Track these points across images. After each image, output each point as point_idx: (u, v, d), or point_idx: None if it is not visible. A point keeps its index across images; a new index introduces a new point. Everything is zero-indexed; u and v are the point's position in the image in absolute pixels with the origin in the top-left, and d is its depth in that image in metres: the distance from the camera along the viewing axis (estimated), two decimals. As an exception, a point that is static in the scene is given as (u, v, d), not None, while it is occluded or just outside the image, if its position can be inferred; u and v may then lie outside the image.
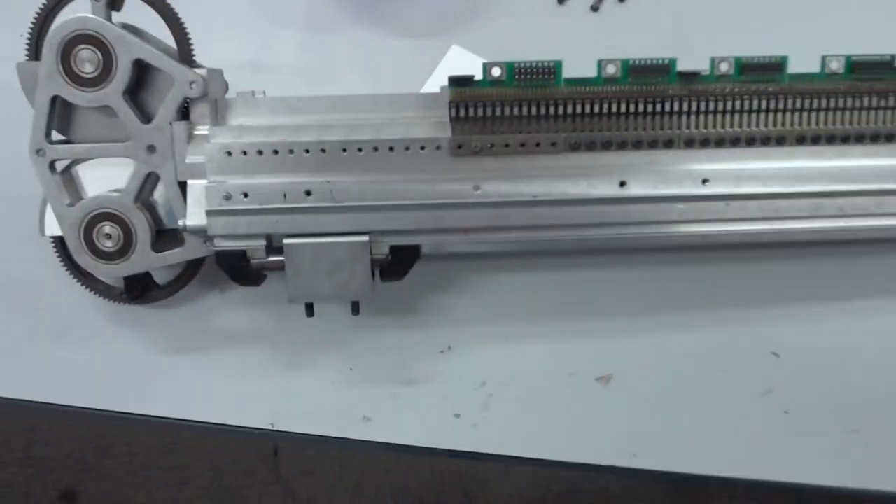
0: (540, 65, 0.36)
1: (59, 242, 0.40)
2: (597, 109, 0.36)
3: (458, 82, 0.36)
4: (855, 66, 0.37)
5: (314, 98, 0.38)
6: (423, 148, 0.36)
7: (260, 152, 0.36)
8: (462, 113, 0.36)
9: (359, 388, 0.40)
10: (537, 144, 0.36)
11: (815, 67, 0.37)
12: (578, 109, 0.36)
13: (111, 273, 0.38)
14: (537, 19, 0.50)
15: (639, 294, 0.42)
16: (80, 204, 0.37)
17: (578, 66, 0.37)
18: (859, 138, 0.37)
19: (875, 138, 0.37)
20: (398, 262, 0.37)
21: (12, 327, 0.41)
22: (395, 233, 0.36)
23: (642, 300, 0.42)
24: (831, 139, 0.37)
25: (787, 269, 0.42)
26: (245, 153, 0.36)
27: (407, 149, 0.36)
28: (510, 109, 0.36)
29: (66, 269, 0.40)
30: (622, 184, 0.36)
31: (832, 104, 0.37)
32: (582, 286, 0.42)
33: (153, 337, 0.41)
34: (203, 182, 0.36)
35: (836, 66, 0.37)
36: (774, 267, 0.42)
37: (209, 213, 0.35)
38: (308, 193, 0.35)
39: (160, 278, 0.41)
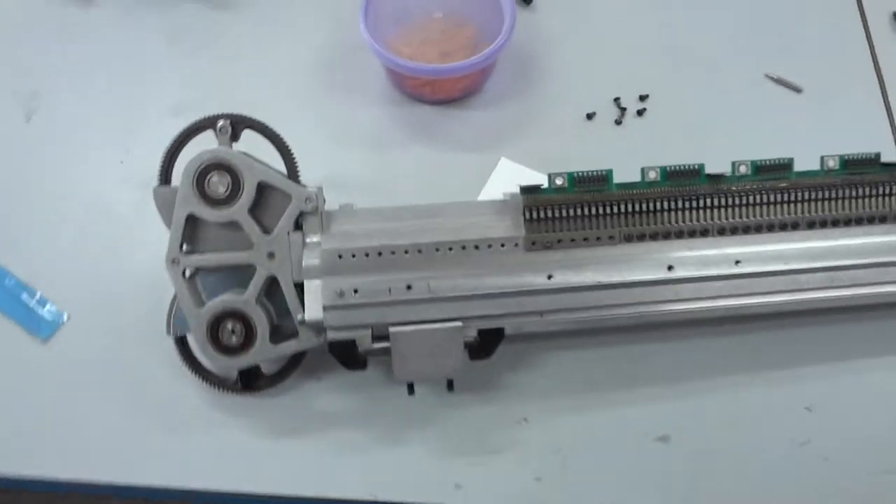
0: (595, 173, 0.44)
1: (181, 343, 0.46)
2: (644, 207, 0.44)
3: (528, 190, 0.44)
4: (848, 163, 0.46)
5: (404, 207, 0.46)
6: (502, 245, 0.43)
7: (366, 255, 0.43)
8: (534, 215, 0.44)
9: (449, 459, 0.46)
10: (598, 238, 0.44)
11: (814, 166, 0.46)
12: (629, 208, 0.44)
13: (234, 365, 0.44)
14: (571, 132, 0.59)
15: (687, 362, 0.49)
16: (208, 305, 0.44)
17: (617, 170, 0.45)
18: (858, 221, 0.46)
19: (871, 220, 0.46)
20: (486, 344, 0.44)
21: (138, 421, 0.47)
22: (482, 318, 0.43)
23: (690, 367, 0.49)
24: (836, 223, 0.45)
25: (809, 333, 0.50)
26: (354, 256, 0.43)
27: (489, 247, 0.43)
28: (573, 211, 0.44)
29: (188, 366, 0.46)
30: (670, 268, 0.44)
31: (833, 195, 0.45)
32: (637, 358, 0.49)
33: (261, 423, 0.47)
34: (318, 282, 0.43)
35: (832, 164, 0.46)
36: (798, 332, 0.49)
37: (326, 308, 0.42)
38: (409, 288, 0.43)
39: (267, 370, 0.47)
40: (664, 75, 0.62)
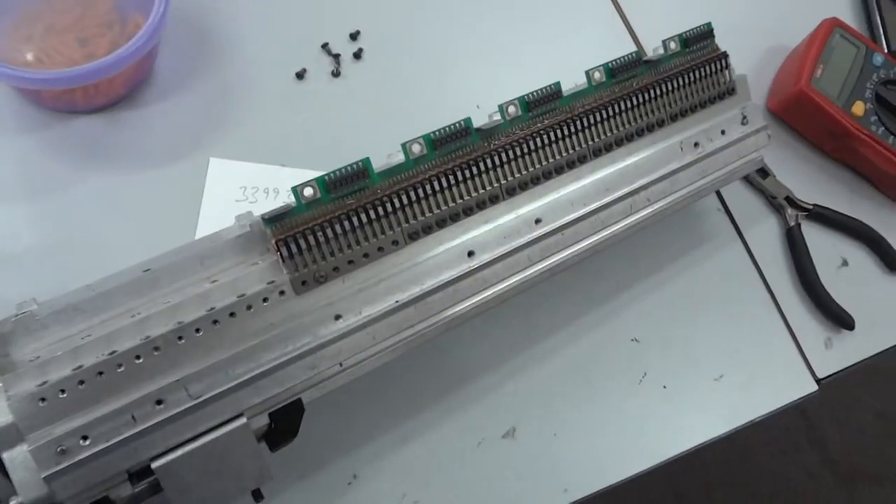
0: (350, 170, 0.35)
1: None
2: (420, 193, 0.36)
3: (274, 219, 0.34)
4: (613, 71, 0.42)
5: (110, 283, 0.33)
6: (265, 300, 0.33)
7: (81, 382, 0.31)
8: (292, 248, 0.34)
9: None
10: (380, 249, 0.36)
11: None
12: (403, 199, 0.36)
13: None
14: (282, 101, 0.49)
15: (507, 339, 0.45)
16: None
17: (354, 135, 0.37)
18: (640, 133, 0.42)
19: (651, 128, 0.43)
20: (285, 425, 0.34)
21: None
22: (270, 400, 0.33)
23: (511, 344, 0.45)
24: (619, 142, 0.42)
25: (605, 262, 0.48)
26: (63, 391, 0.30)
27: (249, 308, 0.33)
28: (339, 225, 0.35)
29: None
30: (470, 254, 0.37)
31: (610, 111, 0.41)
32: (455, 354, 0.43)
33: None
34: (22, 448, 0.30)
35: (598, 76, 0.41)
36: (594, 265, 0.47)
37: (48, 479, 0.30)
38: (159, 403, 0.31)
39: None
40: (373, 4, 0.53)
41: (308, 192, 0.34)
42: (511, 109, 0.39)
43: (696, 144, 0.44)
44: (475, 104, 0.51)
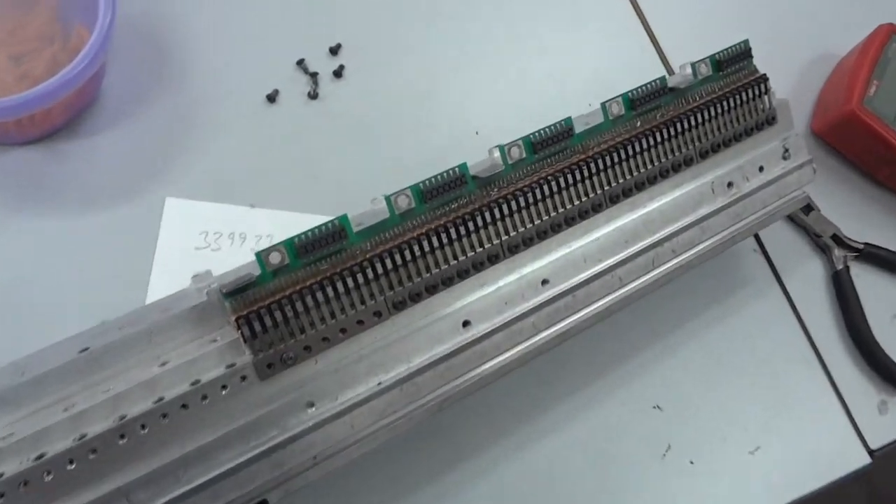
0: (324, 230, 0.33)
1: None
2: (408, 255, 0.34)
3: (235, 292, 0.32)
4: (633, 102, 0.40)
5: (34, 378, 0.31)
6: (224, 388, 0.31)
7: (2, 496, 0.29)
8: (255, 326, 0.32)
9: None
10: (359, 322, 0.34)
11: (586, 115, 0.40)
12: (388, 264, 0.34)
13: None
14: (249, 128, 0.47)
15: (510, 406, 0.43)
16: None
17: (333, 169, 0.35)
18: (664, 174, 0.40)
19: (676, 168, 0.41)
20: (248, 535, 0.33)
21: None
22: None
23: (514, 413, 0.43)
24: (640, 185, 0.40)
25: (625, 320, 0.46)
26: (-18, 504, 0.29)
27: (204, 398, 0.31)
28: (311, 296, 0.33)
29: None
30: (465, 324, 0.35)
31: (629, 151, 0.39)
32: (453, 430, 0.42)
33: None
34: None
35: (616, 109, 0.39)
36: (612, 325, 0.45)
37: None
38: (97, 516, 0.30)
39: None
40: (353, 10, 0.51)
41: (274, 258, 0.33)
42: (514, 151, 0.37)
43: (729, 184, 0.42)
44: (474, 129, 0.49)
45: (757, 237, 0.51)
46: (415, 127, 0.49)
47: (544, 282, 0.37)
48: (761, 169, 0.43)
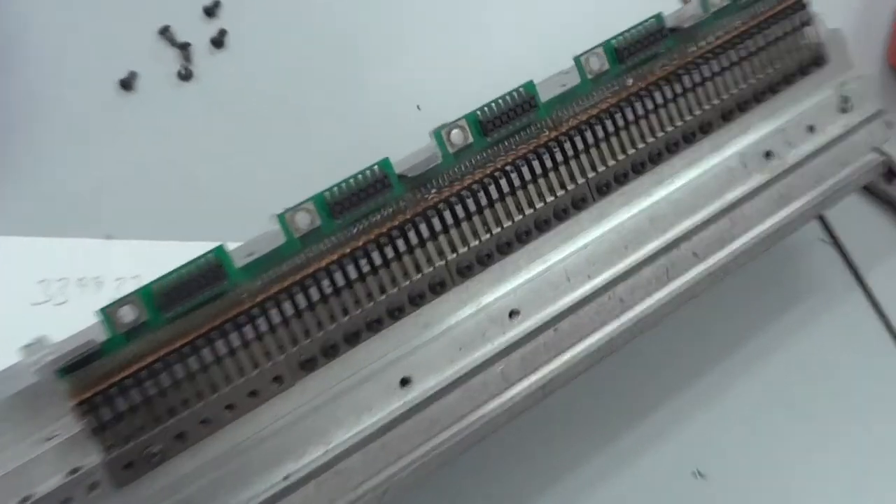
0: (195, 269, 0.34)
1: None
2: (315, 295, 0.35)
3: (74, 367, 0.33)
4: (620, 52, 0.41)
5: None
6: (67, 503, 0.32)
7: None
8: (106, 413, 0.33)
9: None
10: (252, 394, 0.35)
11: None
12: (288, 309, 0.35)
13: None
14: (100, 127, 0.48)
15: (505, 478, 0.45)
16: None
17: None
18: (671, 148, 0.41)
19: (691, 137, 0.42)
20: None
21: None
22: None
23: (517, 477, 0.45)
24: (641, 166, 0.41)
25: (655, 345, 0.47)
26: None
27: (37, 519, 0.32)
28: (181, 364, 0.34)
29: None
30: (404, 382, 0.36)
31: (621, 122, 0.40)
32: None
33: None
34: None
35: (596, 63, 0.40)
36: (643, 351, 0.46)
37: None
38: None
39: None
40: None
41: (127, 314, 0.33)
42: (456, 136, 0.38)
43: (767, 154, 0.43)
44: (414, 103, 0.50)
45: (824, 221, 0.52)
46: (330, 107, 0.50)
47: (513, 313, 0.38)
48: (811, 129, 0.44)
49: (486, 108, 0.38)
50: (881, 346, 0.50)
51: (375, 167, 0.36)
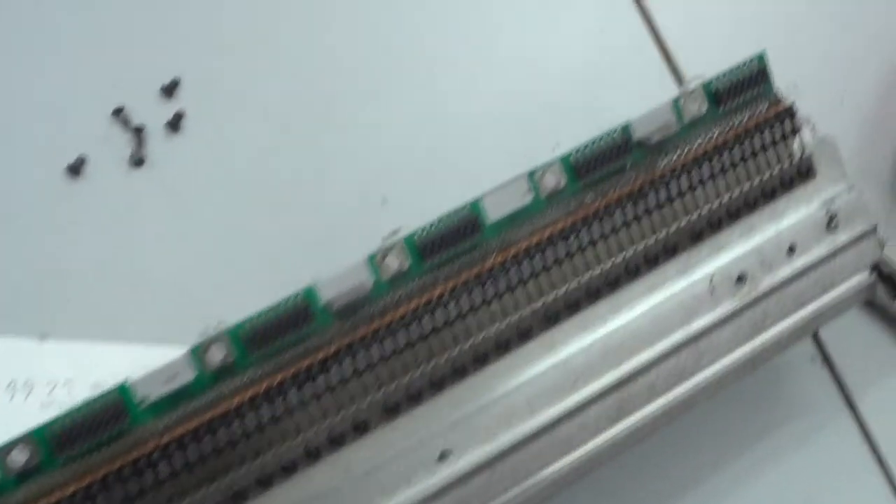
0: (96, 407, 0.33)
1: None
2: (224, 436, 0.34)
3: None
4: (578, 168, 0.40)
5: None
6: None
7: None
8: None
9: None
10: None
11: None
12: (192, 454, 0.34)
13: None
14: (44, 218, 0.48)
15: None
16: None
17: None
18: (633, 270, 0.40)
19: (653, 260, 0.41)
20: None
21: None
22: None
23: None
24: (595, 293, 0.40)
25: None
26: None
27: None
28: None
29: None
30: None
31: (576, 244, 0.39)
32: None
33: None
34: None
35: (552, 180, 0.39)
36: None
37: None
38: None
39: None
40: (196, 27, 0.52)
41: (18, 458, 0.33)
42: (391, 261, 0.37)
43: (739, 279, 0.42)
44: (379, 195, 0.49)
45: (816, 338, 0.51)
46: (291, 199, 0.49)
47: (443, 455, 0.37)
48: (791, 250, 0.43)
49: (424, 230, 0.37)
50: (868, 474, 0.49)
51: (300, 296, 0.36)
